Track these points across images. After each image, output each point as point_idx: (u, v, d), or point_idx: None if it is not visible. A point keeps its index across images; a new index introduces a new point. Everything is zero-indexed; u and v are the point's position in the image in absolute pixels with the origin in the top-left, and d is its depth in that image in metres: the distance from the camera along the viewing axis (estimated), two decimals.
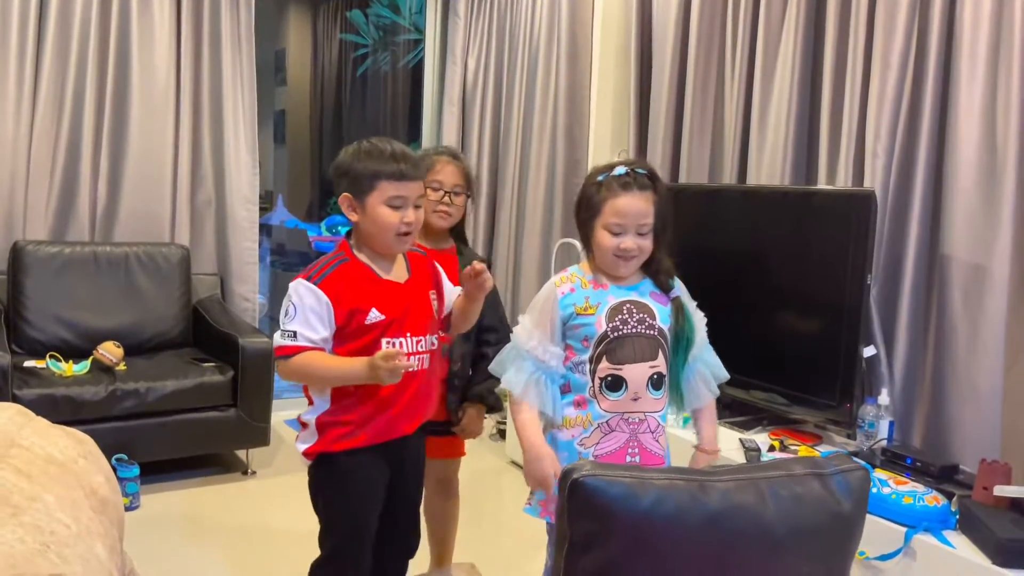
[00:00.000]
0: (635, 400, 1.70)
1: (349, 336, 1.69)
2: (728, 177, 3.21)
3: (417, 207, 1.71)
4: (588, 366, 1.69)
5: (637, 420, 1.72)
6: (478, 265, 1.74)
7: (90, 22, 3.42)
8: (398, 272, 1.76)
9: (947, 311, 2.47)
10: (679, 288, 1.80)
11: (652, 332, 1.70)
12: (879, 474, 2.13)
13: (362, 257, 1.73)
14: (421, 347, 1.76)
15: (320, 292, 1.65)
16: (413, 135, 5.86)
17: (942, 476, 2.18)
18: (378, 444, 1.73)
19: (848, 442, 2.56)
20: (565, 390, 1.74)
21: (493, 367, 1.77)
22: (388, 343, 1.70)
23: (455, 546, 2.36)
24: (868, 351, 2.50)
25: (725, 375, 1.85)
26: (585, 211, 1.71)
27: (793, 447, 2.51)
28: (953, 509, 2.03)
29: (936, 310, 2.52)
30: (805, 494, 1.13)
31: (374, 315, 1.68)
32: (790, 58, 2.91)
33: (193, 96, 3.67)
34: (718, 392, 1.84)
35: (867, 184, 2.62)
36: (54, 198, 3.45)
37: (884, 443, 2.39)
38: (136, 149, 3.55)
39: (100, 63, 3.48)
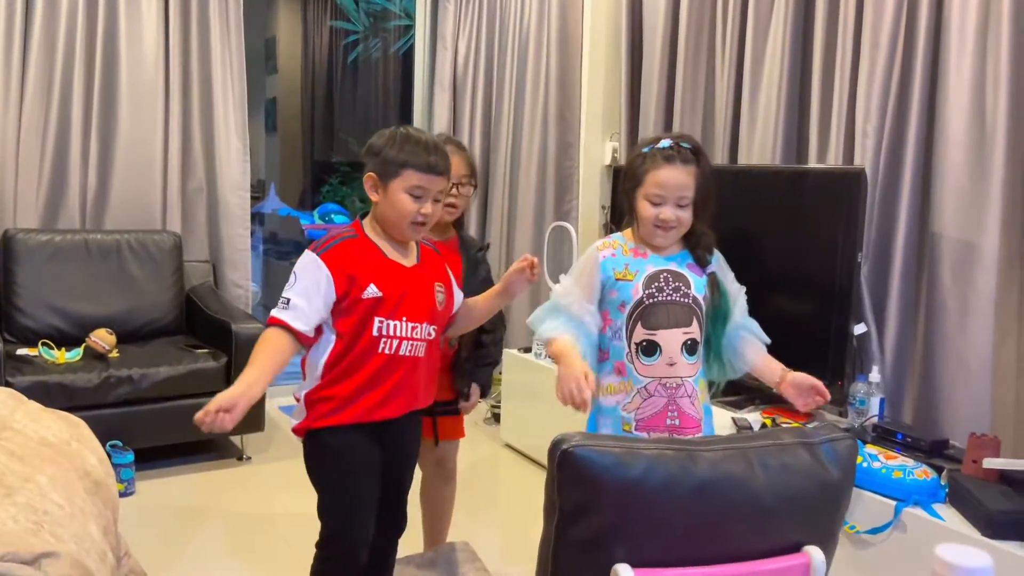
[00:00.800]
0: (671, 365, 1.74)
1: (344, 311, 1.71)
2: (719, 157, 3.21)
3: (437, 201, 1.75)
4: (624, 331, 1.75)
5: (675, 385, 1.76)
6: (531, 257, 1.80)
7: (77, 9, 3.40)
8: (407, 256, 1.79)
9: (937, 288, 2.48)
10: (717, 263, 1.85)
11: (687, 300, 1.76)
12: (870, 449, 2.14)
13: (372, 236, 1.76)
14: (417, 334, 1.76)
15: (322, 263, 1.69)
16: (404, 121, 5.84)
17: (932, 451, 2.20)
18: (363, 424, 1.74)
19: (840, 419, 2.58)
20: (604, 357, 1.79)
21: (531, 320, 1.82)
22: (381, 322, 1.71)
23: (450, 527, 2.37)
24: (859, 329, 2.52)
25: (767, 339, 1.90)
26: (628, 180, 1.77)
27: (785, 425, 2.53)
28: (943, 483, 2.04)
29: (926, 287, 2.53)
30: (793, 463, 1.14)
31: (371, 291, 1.70)
32: (780, 37, 2.91)
33: (182, 83, 3.65)
34: (768, 340, 1.89)
35: (857, 163, 2.63)
36: (44, 186, 3.44)
37: (875, 420, 2.41)
38: (125, 137, 3.54)
39: (88, 51, 3.46)
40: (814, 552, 1.14)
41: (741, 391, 2.82)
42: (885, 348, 2.60)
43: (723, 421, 2.58)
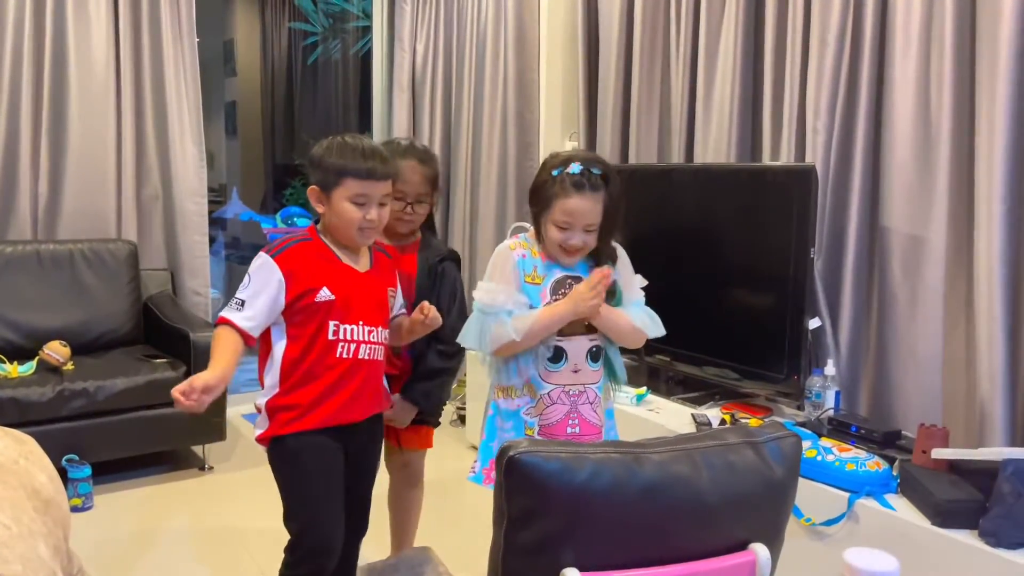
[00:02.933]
0: (575, 372, 1.78)
1: (298, 312, 1.71)
2: (676, 156, 3.24)
3: (383, 205, 1.74)
4: None
5: (577, 392, 1.79)
6: (427, 308, 1.80)
7: (24, 14, 3.33)
8: (359, 261, 1.80)
9: (888, 281, 2.53)
10: (618, 268, 1.85)
11: None
12: (824, 442, 2.18)
13: (326, 240, 1.77)
14: (374, 338, 1.78)
15: (275, 266, 1.69)
16: (365, 123, 5.81)
17: (885, 442, 2.24)
18: (328, 427, 1.75)
19: (797, 413, 2.62)
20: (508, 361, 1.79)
21: (464, 339, 1.79)
22: (336, 326, 1.72)
23: (416, 531, 2.37)
24: (813, 323, 2.56)
25: (648, 333, 1.85)
26: (537, 202, 1.76)
27: (744, 420, 2.56)
28: (894, 473, 2.09)
29: (878, 281, 2.58)
30: (738, 462, 1.16)
31: (324, 294, 1.71)
32: (732, 38, 2.95)
33: (134, 89, 3.59)
34: (653, 334, 1.85)
35: (808, 160, 2.67)
36: None
37: (831, 412, 2.45)
38: (77, 145, 3.47)
39: (36, 57, 3.39)
40: (760, 550, 1.15)
41: (700, 387, 2.86)
42: (840, 342, 2.64)
43: (682, 418, 2.61)
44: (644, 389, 2.81)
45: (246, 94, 8.37)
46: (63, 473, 2.76)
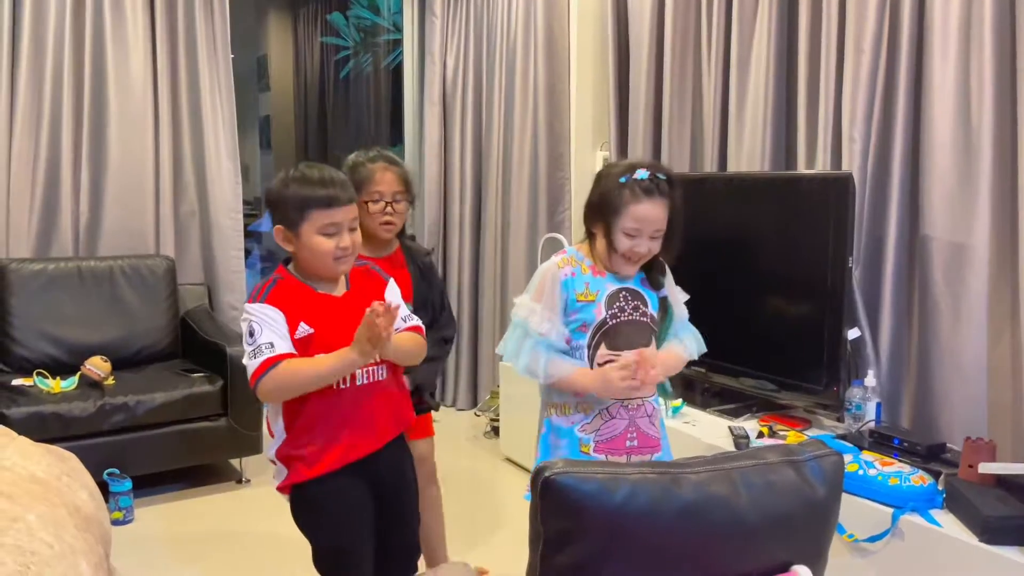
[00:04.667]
0: None
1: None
2: (709, 165, 3.21)
3: (352, 230, 1.67)
4: (586, 352, 1.74)
5: (635, 405, 1.77)
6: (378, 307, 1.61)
7: (64, 37, 3.41)
8: (336, 287, 1.72)
9: (929, 290, 2.48)
10: (668, 284, 1.85)
11: (645, 319, 1.78)
12: (866, 456, 2.14)
13: (298, 276, 1.70)
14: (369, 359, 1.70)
15: (268, 306, 1.63)
16: (397, 135, 5.85)
17: (929, 455, 2.19)
18: (348, 465, 1.68)
19: (837, 425, 2.57)
20: None
21: (503, 351, 1.77)
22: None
23: (448, 542, 2.34)
24: (852, 333, 2.51)
25: (692, 353, 1.87)
26: (604, 209, 1.72)
27: (782, 432, 2.52)
28: (940, 488, 2.03)
29: (919, 290, 2.53)
30: (778, 482, 1.14)
31: (302, 329, 1.63)
32: (765, 45, 2.91)
33: (171, 107, 3.66)
34: (694, 355, 1.87)
35: (845, 167, 2.63)
36: (36, 215, 3.45)
37: (872, 424, 2.40)
38: (116, 163, 3.55)
39: (76, 78, 3.47)
40: (802, 571, 1.13)
41: (737, 399, 2.82)
42: (880, 352, 2.59)
43: (719, 431, 2.57)
44: (680, 401, 2.78)
45: (279, 108, 8.49)
46: (104, 487, 2.81)
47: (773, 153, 2.93)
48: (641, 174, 1.69)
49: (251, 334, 1.62)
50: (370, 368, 1.69)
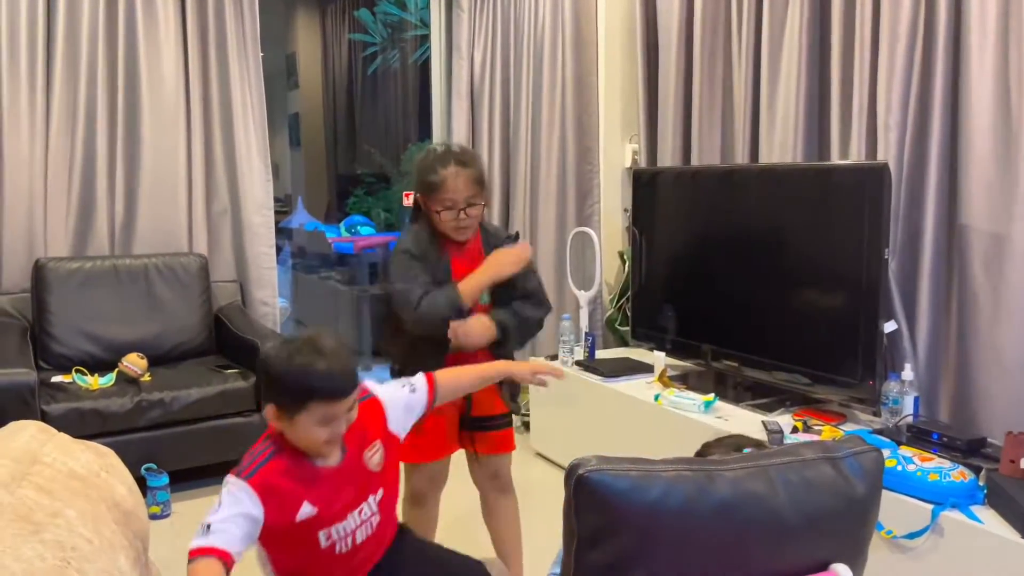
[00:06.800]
0: None
1: (280, 534, 1.53)
2: (740, 156, 3.17)
3: (351, 410, 1.51)
4: None
5: None
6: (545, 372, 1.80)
7: (97, 39, 3.46)
8: (332, 454, 1.57)
9: (968, 282, 2.42)
10: None
11: None
12: (904, 451, 2.10)
13: (293, 447, 1.54)
14: (364, 515, 1.60)
15: (251, 490, 1.48)
16: (425, 131, 5.86)
17: (969, 450, 2.14)
18: None
19: (873, 419, 2.53)
20: None
21: None
22: (326, 533, 1.56)
23: (474, 533, 2.32)
24: (889, 326, 2.46)
25: None
26: None
27: (817, 427, 2.48)
28: (981, 484, 1.99)
29: (957, 281, 2.48)
30: (816, 479, 1.12)
31: (305, 510, 1.51)
32: (797, 32, 2.87)
33: (203, 106, 3.70)
34: None
35: (880, 157, 2.58)
36: (72, 214, 3.50)
37: (910, 419, 2.36)
38: (150, 162, 3.59)
39: (110, 79, 3.52)
40: (842, 570, 1.11)
41: (770, 393, 2.78)
42: (917, 345, 2.54)
43: (753, 425, 2.55)
44: (712, 396, 2.76)
45: (309, 106, 8.54)
46: (142, 482, 2.85)
47: (806, 143, 2.88)
48: None
49: (215, 506, 1.51)
50: (368, 521, 1.60)
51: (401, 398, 1.67)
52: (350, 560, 1.60)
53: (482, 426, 2.13)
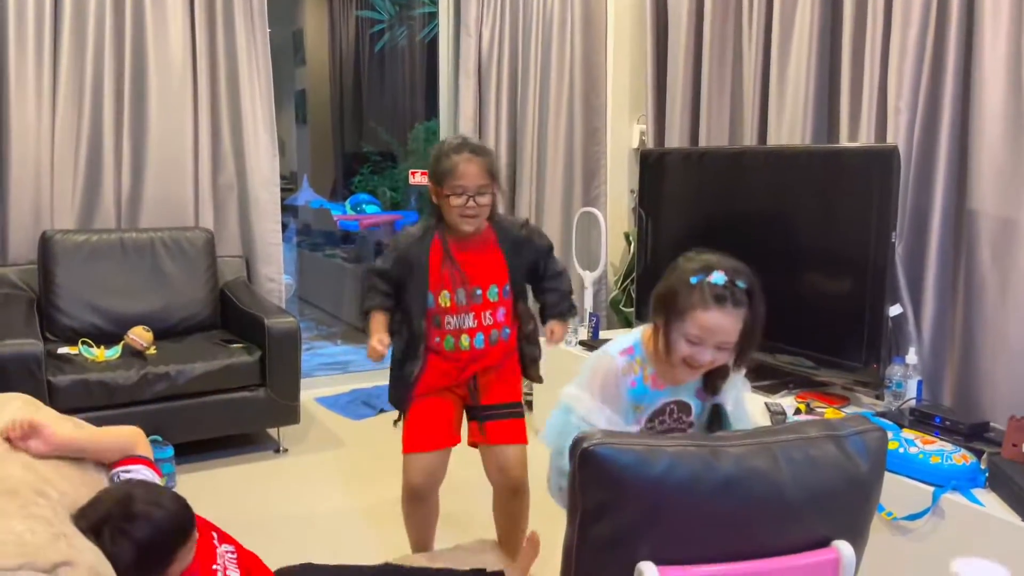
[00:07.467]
0: None
1: None
2: (748, 139, 3.16)
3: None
4: None
5: None
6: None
7: (104, 12, 3.44)
8: None
9: (976, 266, 2.42)
10: (730, 391, 1.63)
11: (681, 426, 1.62)
12: (907, 434, 2.10)
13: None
14: None
15: None
16: (432, 109, 5.84)
17: (972, 434, 2.15)
18: None
19: (876, 403, 2.54)
20: None
21: (545, 437, 1.61)
22: None
23: (479, 510, 2.31)
24: (894, 310, 2.47)
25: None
26: (667, 309, 1.49)
27: (820, 409, 2.49)
28: (983, 467, 2.00)
29: (964, 266, 2.47)
30: (820, 457, 1.12)
31: None
32: (808, 13, 2.84)
33: (210, 80, 3.68)
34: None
35: (890, 140, 2.57)
36: (79, 187, 3.50)
37: (913, 403, 2.37)
38: (156, 136, 3.58)
39: (117, 52, 3.50)
40: (843, 547, 1.12)
41: (774, 376, 2.79)
42: (922, 329, 2.54)
43: (756, 407, 2.55)
44: None
45: (315, 82, 8.50)
46: None
47: (815, 125, 2.87)
48: (716, 278, 1.46)
49: None
50: None
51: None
52: None
53: (489, 415, 2.13)
